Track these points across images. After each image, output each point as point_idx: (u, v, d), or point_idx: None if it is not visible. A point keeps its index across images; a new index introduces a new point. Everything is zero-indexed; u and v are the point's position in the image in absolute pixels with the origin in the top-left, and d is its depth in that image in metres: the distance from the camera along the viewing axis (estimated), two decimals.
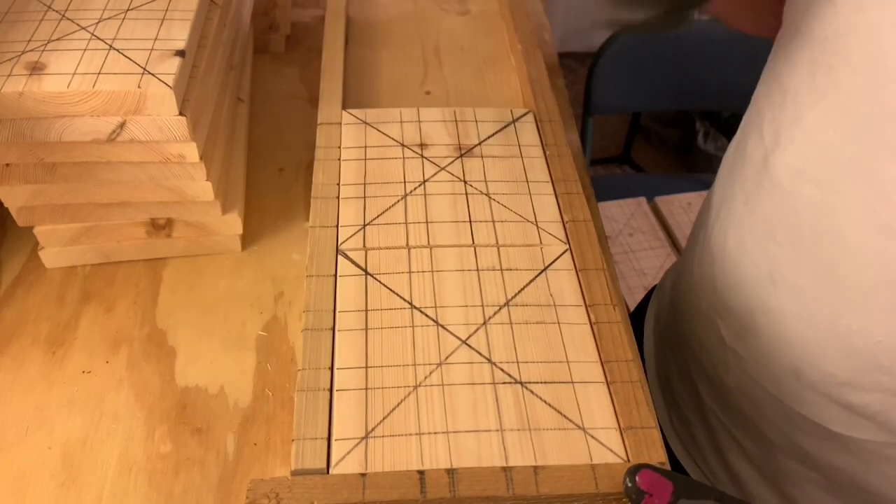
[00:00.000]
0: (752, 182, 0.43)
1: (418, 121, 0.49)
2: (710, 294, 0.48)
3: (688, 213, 1.28)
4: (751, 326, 0.44)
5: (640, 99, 1.31)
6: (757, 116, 0.44)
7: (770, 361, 0.43)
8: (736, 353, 0.46)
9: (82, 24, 0.43)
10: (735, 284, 0.45)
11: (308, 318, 0.37)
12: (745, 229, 0.44)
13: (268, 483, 0.31)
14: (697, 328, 0.50)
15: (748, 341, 0.44)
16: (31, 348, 0.44)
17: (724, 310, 0.46)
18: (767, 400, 0.45)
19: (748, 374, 0.45)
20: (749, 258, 0.43)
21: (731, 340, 0.46)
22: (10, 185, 0.43)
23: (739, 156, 0.45)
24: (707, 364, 0.49)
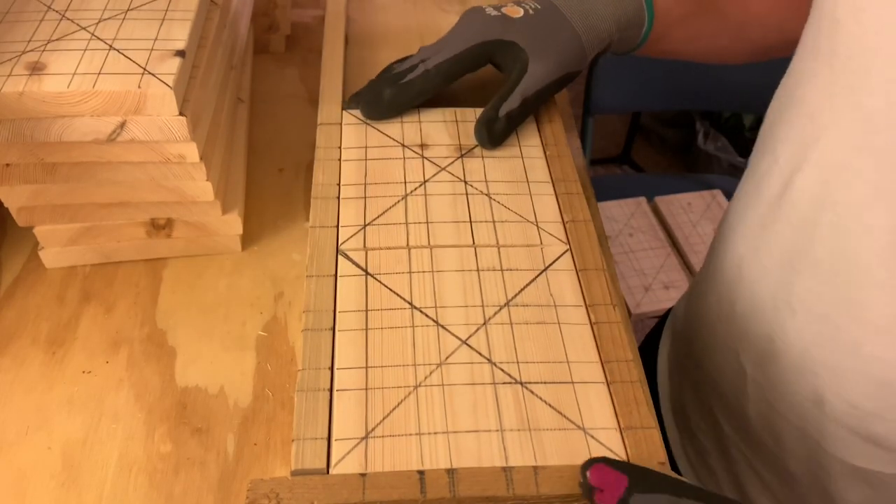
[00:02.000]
0: (767, 207, 0.42)
1: (419, 121, 0.49)
2: (727, 322, 0.47)
3: (688, 213, 1.29)
4: (770, 354, 0.43)
5: (640, 99, 1.32)
6: (771, 138, 0.43)
7: (791, 390, 0.42)
8: (756, 382, 0.45)
9: (82, 24, 0.43)
10: (753, 312, 0.44)
11: (308, 318, 0.37)
12: (762, 255, 0.43)
13: (268, 483, 0.31)
14: (715, 356, 0.49)
15: (768, 369, 0.43)
16: (31, 348, 0.44)
17: (743, 337, 0.45)
18: (789, 430, 0.44)
19: (769, 402, 0.44)
20: (766, 285, 0.43)
21: (750, 369, 0.45)
22: (10, 185, 0.43)
23: (754, 180, 0.45)
24: (727, 392, 0.48)
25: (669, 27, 0.52)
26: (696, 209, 1.29)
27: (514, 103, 0.47)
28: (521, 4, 0.49)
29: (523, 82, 0.47)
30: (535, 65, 0.47)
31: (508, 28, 0.48)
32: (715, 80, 1.28)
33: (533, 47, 0.47)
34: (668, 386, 0.60)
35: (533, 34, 0.48)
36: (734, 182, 1.40)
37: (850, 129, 0.36)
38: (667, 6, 0.51)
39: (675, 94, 1.30)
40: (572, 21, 0.48)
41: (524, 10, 0.49)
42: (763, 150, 0.45)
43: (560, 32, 0.48)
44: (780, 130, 0.42)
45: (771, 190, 0.42)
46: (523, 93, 0.47)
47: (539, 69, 0.47)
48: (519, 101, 0.47)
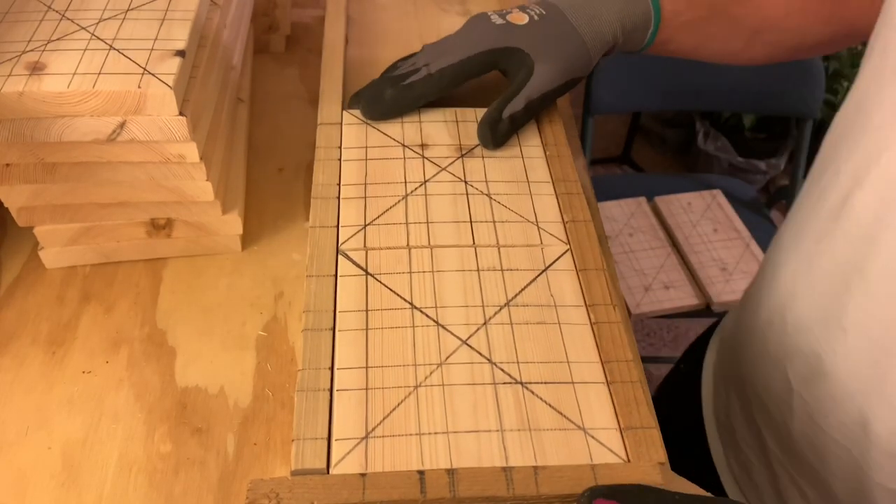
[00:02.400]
0: (825, 222, 0.42)
1: (419, 121, 0.49)
2: (777, 336, 0.46)
3: (688, 213, 1.29)
4: (818, 372, 0.42)
5: (640, 99, 1.32)
6: (833, 151, 0.43)
7: (837, 409, 0.42)
8: (802, 398, 0.44)
9: (82, 24, 0.43)
10: (803, 328, 0.43)
11: (308, 318, 0.37)
12: (816, 271, 0.42)
13: (268, 483, 0.31)
14: (763, 370, 0.48)
15: (815, 386, 0.43)
16: (31, 348, 0.44)
17: (792, 353, 0.45)
18: (833, 450, 0.43)
19: (814, 420, 0.44)
20: (818, 302, 0.42)
21: (797, 385, 0.44)
22: (10, 185, 0.43)
23: (813, 194, 0.44)
24: (772, 408, 0.48)
25: (677, 30, 0.51)
26: (696, 209, 1.29)
27: (517, 105, 0.47)
28: (527, 11, 0.49)
29: (528, 86, 0.47)
30: (541, 69, 0.47)
31: (513, 35, 0.48)
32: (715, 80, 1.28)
33: (538, 53, 0.47)
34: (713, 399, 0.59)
35: (538, 40, 0.48)
36: (734, 182, 1.41)
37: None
38: (675, 9, 0.50)
39: (675, 94, 1.30)
40: (577, 26, 0.48)
41: (529, 16, 0.49)
42: (825, 164, 0.44)
43: (565, 38, 0.48)
44: (843, 145, 0.41)
45: (829, 205, 0.41)
46: (528, 96, 0.47)
47: (544, 73, 0.47)
48: (523, 104, 0.47)
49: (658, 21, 0.50)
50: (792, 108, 1.29)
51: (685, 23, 0.51)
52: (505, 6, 0.64)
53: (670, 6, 0.50)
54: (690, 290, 1.17)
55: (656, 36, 0.51)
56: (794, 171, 1.32)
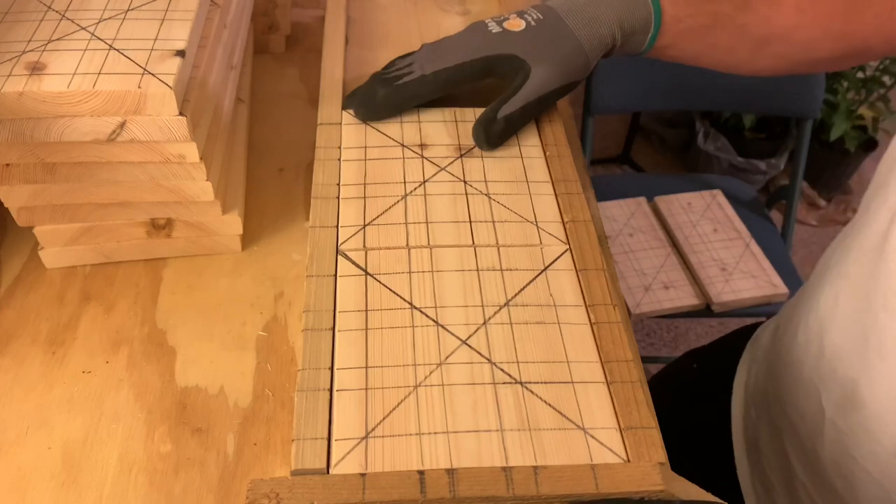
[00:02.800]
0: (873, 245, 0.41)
1: (418, 121, 0.49)
2: (814, 360, 0.46)
3: (688, 213, 1.29)
4: (854, 398, 0.42)
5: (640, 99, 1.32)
6: (884, 179, 0.43)
7: (871, 438, 0.41)
8: (835, 426, 0.44)
9: (82, 24, 0.43)
10: (842, 353, 0.43)
11: (308, 318, 0.37)
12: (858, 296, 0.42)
13: (268, 483, 0.31)
14: (796, 394, 0.48)
15: (849, 415, 0.43)
16: (31, 348, 0.44)
17: (828, 378, 0.44)
18: (865, 479, 0.43)
19: (846, 449, 0.43)
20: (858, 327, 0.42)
21: (831, 411, 0.44)
22: (10, 185, 0.43)
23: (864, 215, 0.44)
24: (803, 433, 0.48)
25: (679, 36, 0.51)
26: (696, 209, 1.29)
27: (513, 107, 0.47)
28: (524, 16, 0.49)
29: (524, 88, 0.47)
30: (537, 72, 0.47)
31: (509, 42, 0.48)
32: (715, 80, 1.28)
33: (534, 57, 0.47)
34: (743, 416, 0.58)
35: (534, 45, 0.48)
36: (734, 182, 1.41)
37: None
38: (676, 14, 0.50)
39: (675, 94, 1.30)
40: (575, 30, 0.48)
41: (526, 21, 0.49)
42: (875, 191, 0.44)
43: (562, 42, 0.48)
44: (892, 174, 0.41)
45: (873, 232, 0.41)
46: (524, 98, 0.47)
47: (541, 76, 0.47)
48: (519, 106, 0.47)
49: (658, 25, 0.50)
50: (792, 108, 1.29)
51: (687, 29, 0.50)
52: (505, 7, 0.65)
53: (672, 11, 0.50)
54: (690, 290, 1.17)
55: (657, 40, 0.51)
56: (794, 171, 1.32)
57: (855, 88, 1.67)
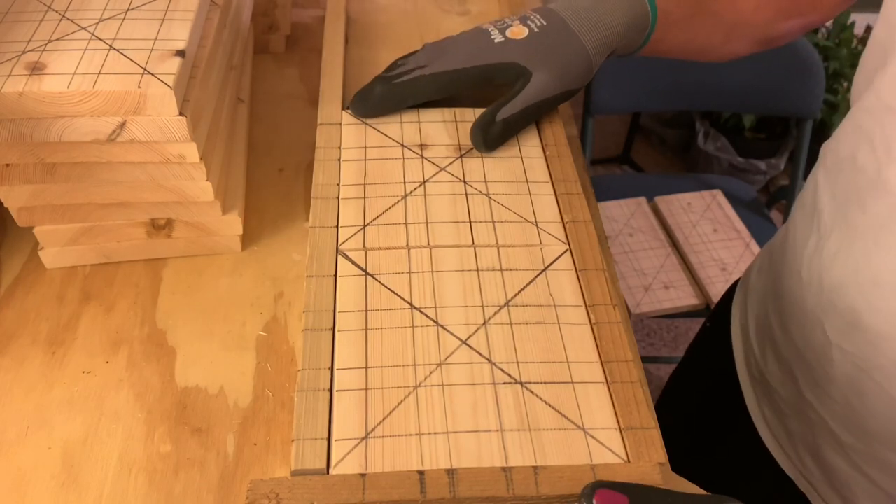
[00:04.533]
0: (866, 191, 0.44)
1: (418, 121, 0.49)
2: (816, 294, 0.48)
3: (688, 213, 1.29)
4: (856, 323, 0.45)
5: (640, 99, 1.32)
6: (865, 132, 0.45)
7: (877, 354, 0.44)
8: (841, 349, 0.47)
9: (82, 24, 0.43)
10: (840, 285, 0.46)
11: (308, 319, 0.37)
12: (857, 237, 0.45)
13: (268, 483, 0.31)
14: (803, 326, 0.51)
15: (854, 337, 0.45)
16: (31, 348, 0.44)
17: (830, 310, 0.47)
18: (875, 390, 0.45)
19: (856, 365, 0.46)
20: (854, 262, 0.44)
21: (835, 338, 0.47)
22: (10, 185, 0.43)
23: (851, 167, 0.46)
24: (812, 360, 0.50)
25: (668, 29, 0.52)
26: (696, 209, 1.29)
27: (512, 110, 0.47)
28: (527, 22, 0.49)
29: (524, 93, 0.47)
30: (538, 78, 0.47)
31: (511, 51, 0.48)
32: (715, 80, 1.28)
33: (535, 64, 0.47)
34: (744, 352, 0.61)
35: (536, 52, 0.48)
36: (734, 182, 1.41)
37: None
38: (667, 8, 0.51)
39: (675, 94, 1.30)
40: (579, 33, 0.48)
41: (529, 28, 0.48)
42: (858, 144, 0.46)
43: (566, 47, 0.48)
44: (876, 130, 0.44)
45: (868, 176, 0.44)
46: (524, 102, 0.47)
47: (542, 82, 0.47)
48: (518, 109, 0.47)
49: (654, 22, 0.51)
50: (792, 108, 1.30)
51: (675, 21, 0.52)
52: (505, 9, 0.65)
53: (663, 5, 0.51)
54: (690, 290, 1.17)
55: (651, 37, 0.52)
56: (794, 171, 1.32)
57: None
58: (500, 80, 0.48)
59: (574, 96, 0.51)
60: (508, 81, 0.48)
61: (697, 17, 0.53)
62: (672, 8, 0.51)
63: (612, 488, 0.30)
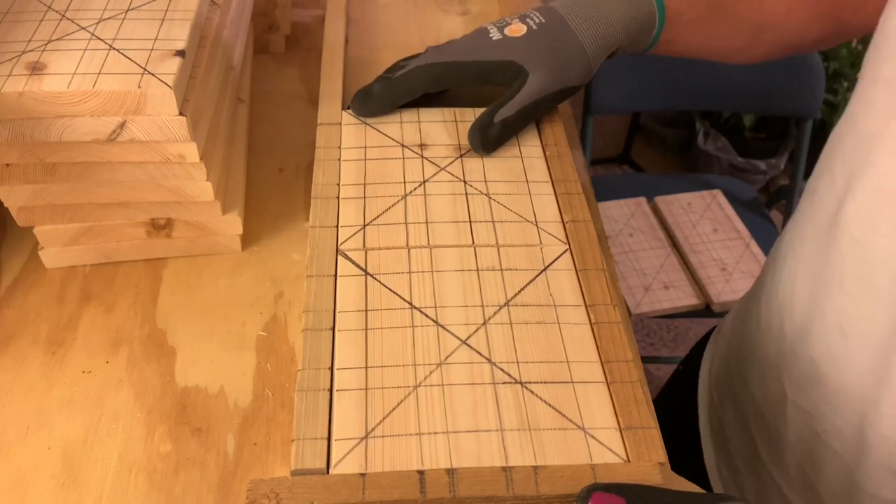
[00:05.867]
0: (823, 228, 0.42)
1: (418, 121, 0.49)
2: (776, 342, 0.46)
3: (688, 213, 1.29)
4: (815, 376, 0.43)
5: (640, 99, 1.32)
6: (830, 159, 0.43)
7: (834, 415, 0.42)
8: (797, 405, 0.45)
9: (82, 24, 0.43)
10: (802, 333, 0.44)
11: (308, 318, 0.37)
12: (815, 276, 0.42)
13: (268, 483, 0.31)
14: (761, 377, 0.49)
15: (812, 392, 0.43)
16: (31, 348, 0.44)
17: (791, 358, 0.45)
18: (828, 456, 0.43)
19: (811, 427, 0.44)
20: (817, 307, 0.42)
21: (792, 392, 0.45)
22: (10, 185, 0.43)
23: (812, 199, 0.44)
24: (768, 415, 0.48)
25: (681, 30, 0.51)
26: (696, 209, 1.29)
27: (510, 111, 0.47)
28: (526, 20, 0.49)
29: (522, 93, 0.47)
30: (535, 76, 0.47)
31: (509, 49, 0.48)
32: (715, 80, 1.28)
33: (533, 62, 0.47)
34: (708, 404, 0.59)
35: (534, 49, 0.47)
36: (734, 182, 1.41)
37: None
38: (678, 9, 0.50)
39: (675, 94, 1.30)
40: (578, 32, 0.48)
41: (528, 26, 0.48)
42: (821, 170, 0.44)
43: (564, 46, 0.48)
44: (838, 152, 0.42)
45: (826, 211, 0.42)
46: (521, 102, 0.47)
47: (539, 80, 0.47)
48: (515, 110, 0.47)
49: (662, 21, 0.50)
50: (792, 108, 1.29)
51: (688, 22, 0.51)
52: (505, 6, 0.65)
53: (674, 6, 0.50)
54: (690, 290, 1.17)
55: (660, 37, 0.51)
56: (794, 171, 1.32)
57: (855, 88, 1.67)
58: (498, 78, 0.48)
59: (573, 95, 0.51)
60: (506, 81, 0.48)
61: (716, 20, 0.52)
62: (684, 9, 0.50)
63: (609, 490, 0.29)
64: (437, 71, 0.48)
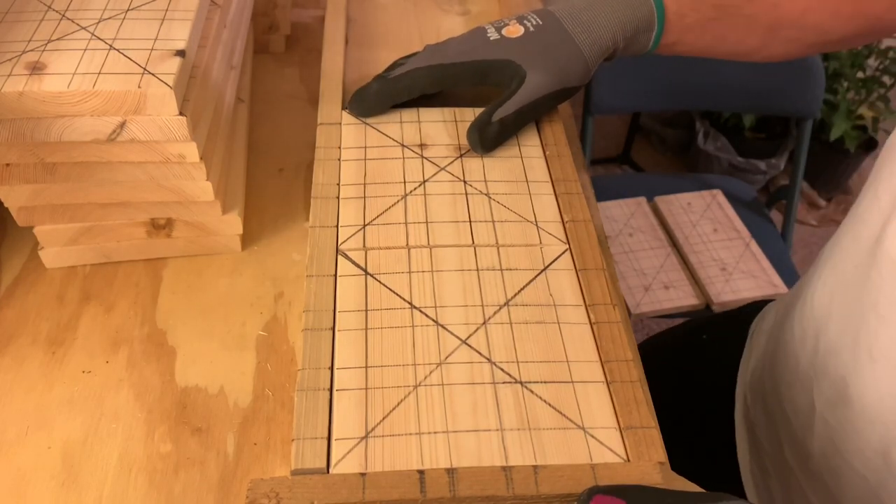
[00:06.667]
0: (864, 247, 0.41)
1: (418, 121, 0.49)
2: (809, 356, 0.46)
3: (688, 213, 1.29)
4: (843, 396, 0.42)
5: (640, 99, 1.32)
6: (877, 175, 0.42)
7: (858, 437, 0.41)
8: (825, 421, 0.44)
9: (82, 24, 0.43)
10: (834, 350, 0.43)
11: (308, 318, 0.37)
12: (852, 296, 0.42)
13: (268, 483, 0.31)
14: (792, 387, 0.48)
15: (839, 410, 0.43)
16: (31, 348, 0.44)
17: (821, 374, 0.44)
18: (850, 475, 0.43)
19: (835, 444, 0.43)
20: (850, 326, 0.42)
21: (821, 406, 0.44)
22: (10, 185, 0.43)
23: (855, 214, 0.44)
24: (795, 426, 0.48)
25: (685, 32, 0.51)
26: (696, 209, 1.29)
27: (508, 111, 0.47)
28: (523, 21, 0.49)
29: (520, 93, 0.47)
30: (532, 77, 0.47)
31: (506, 48, 0.48)
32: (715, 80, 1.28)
33: (530, 63, 0.47)
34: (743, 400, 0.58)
35: (531, 50, 0.48)
36: (734, 182, 1.41)
37: None
38: (679, 11, 0.50)
39: (675, 94, 1.30)
40: (574, 34, 0.48)
41: (525, 27, 0.48)
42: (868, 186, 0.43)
43: (560, 47, 0.48)
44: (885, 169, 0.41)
45: (869, 230, 0.41)
46: (519, 102, 0.47)
47: (537, 81, 0.47)
48: (513, 110, 0.47)
49: (662, 23, 0.50)
50: (792, 108, 1.29)
51: (692, 24, 0.50)
52: (505, 6, 0.65)
53: (675, 8, 0.49)
54: (690, 290, 1.17)
55: (661, 38, 0.51)
56: (794, 171, 1.32)
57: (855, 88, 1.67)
58: (496, 78, 0.48)
59: (572, 96, 0.51)
60: (504, 80, 0.48)
61: (724, 21, 0.51)
62: (686, 11, 0.50)
63: (609, 493, 0.29)
64: (437, 72, 0.48)
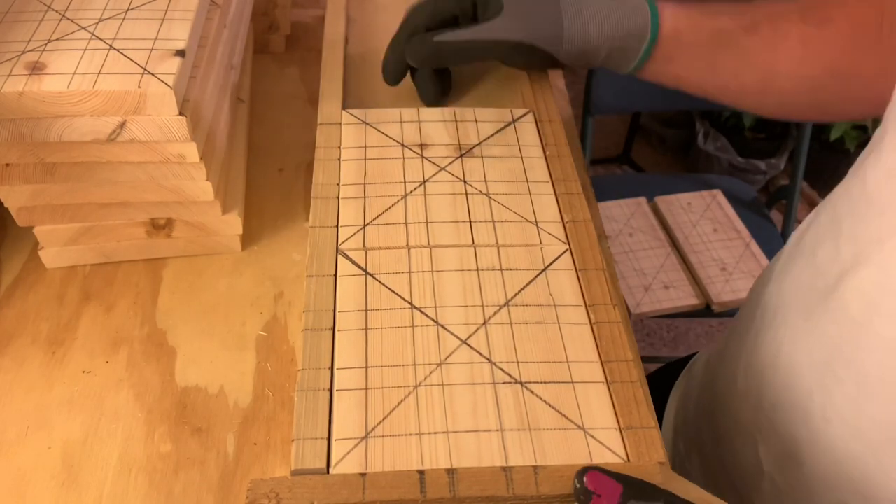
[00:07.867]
0: (817, 297, 0.38)
1: (418, 121, 0.49)
2: (754, 410, 0.43)
3: (688, 213, 1.29)
4: (794, 456, 0.40)
5: (640, 99, 1.32)
6: (835, 223, 0.39)
7: (811, 499, 0.39)
8: (773, 481, 0.42)
9: (82, 24, 0.43)
10: (783, 408, 0.40)
11: (308, 318, 0.37)
12: (802, 350, 0.39)
13: (268, 483, 0.31)
14: (734, 441, 0.45)
15: (789, 471, 0.40)
16: (31, 348, 0.44)
17: (768, 430, 0.42)
18: None
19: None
20: (802, 384, 0.39)
21: (769, 466, 0.42)
22: (10, 185, 0.43)
23: (811, 263, 0.40)
24: (739, 483, 0.45)
25: (680, 51, 0.49)
26: (696, 209, 1.29)
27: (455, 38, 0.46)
28: None
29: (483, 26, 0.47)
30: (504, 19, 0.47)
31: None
32: None
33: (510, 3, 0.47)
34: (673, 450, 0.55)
35: None
36: (734, 182, 1.41)
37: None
38: (676, 27, 0.48)
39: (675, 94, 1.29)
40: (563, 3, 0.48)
41: None
42: (820, 238, 0.40)
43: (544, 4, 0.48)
44: (846, 221, 0.38)
45: (825, 281, 0.38)
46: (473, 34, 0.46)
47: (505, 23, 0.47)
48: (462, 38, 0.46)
49: (656, 34, 0.48)
50: None
51: (688, 45, 0.49)
52: None
53: (671, 23, 0.48)
54: (690, 290, 1.17)
55: (653, 52, 0.49)
56: (794, 171, 1.32)
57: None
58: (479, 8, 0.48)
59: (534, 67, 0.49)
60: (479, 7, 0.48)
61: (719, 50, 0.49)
62: (683, 29, 0.48)
63: (608, 475, 0.30)
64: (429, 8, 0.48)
